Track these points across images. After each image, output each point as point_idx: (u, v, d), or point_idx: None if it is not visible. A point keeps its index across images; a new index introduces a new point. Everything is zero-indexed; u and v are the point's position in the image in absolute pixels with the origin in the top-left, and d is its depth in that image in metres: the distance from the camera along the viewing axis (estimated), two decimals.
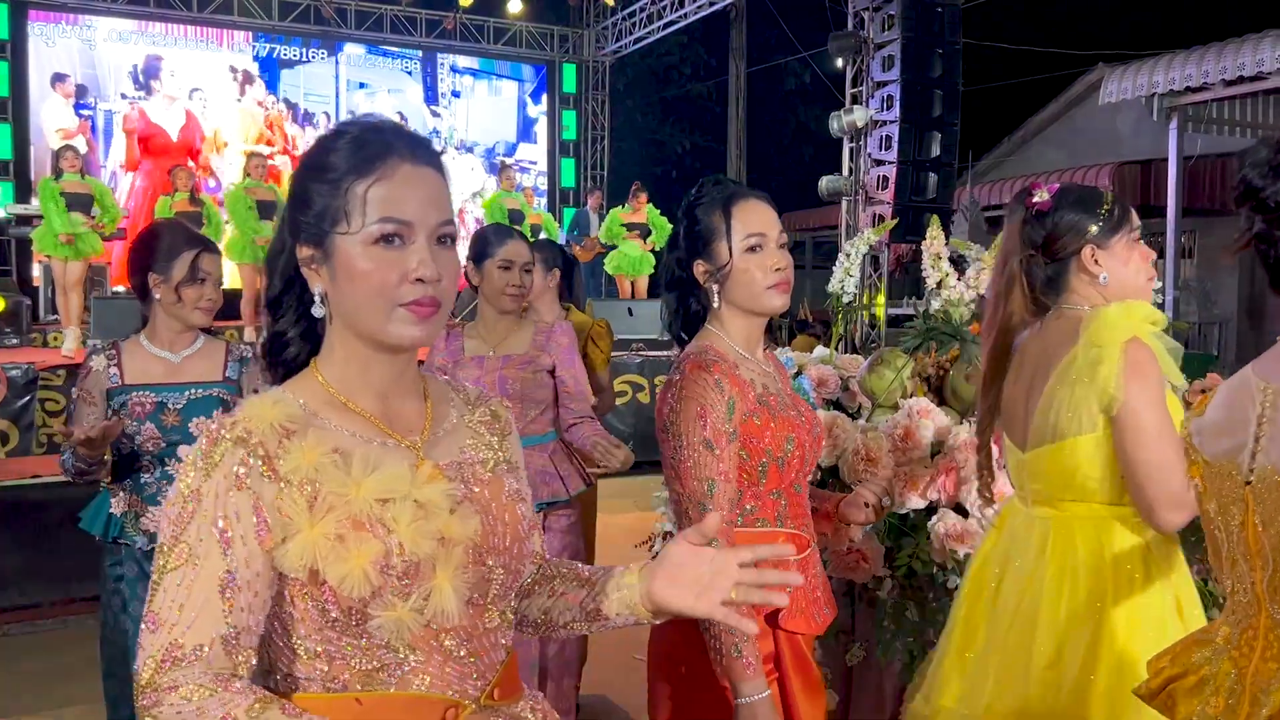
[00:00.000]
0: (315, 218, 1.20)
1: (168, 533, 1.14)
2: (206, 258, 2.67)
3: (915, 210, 8.96)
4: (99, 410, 2.62)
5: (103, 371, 2.64)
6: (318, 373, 1.25)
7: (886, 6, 9.30)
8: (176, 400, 2.66)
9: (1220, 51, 10.13)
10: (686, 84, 21.49)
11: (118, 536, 2.63)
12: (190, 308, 2.65)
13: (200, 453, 1.15)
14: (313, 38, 14.14)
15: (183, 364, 2.70)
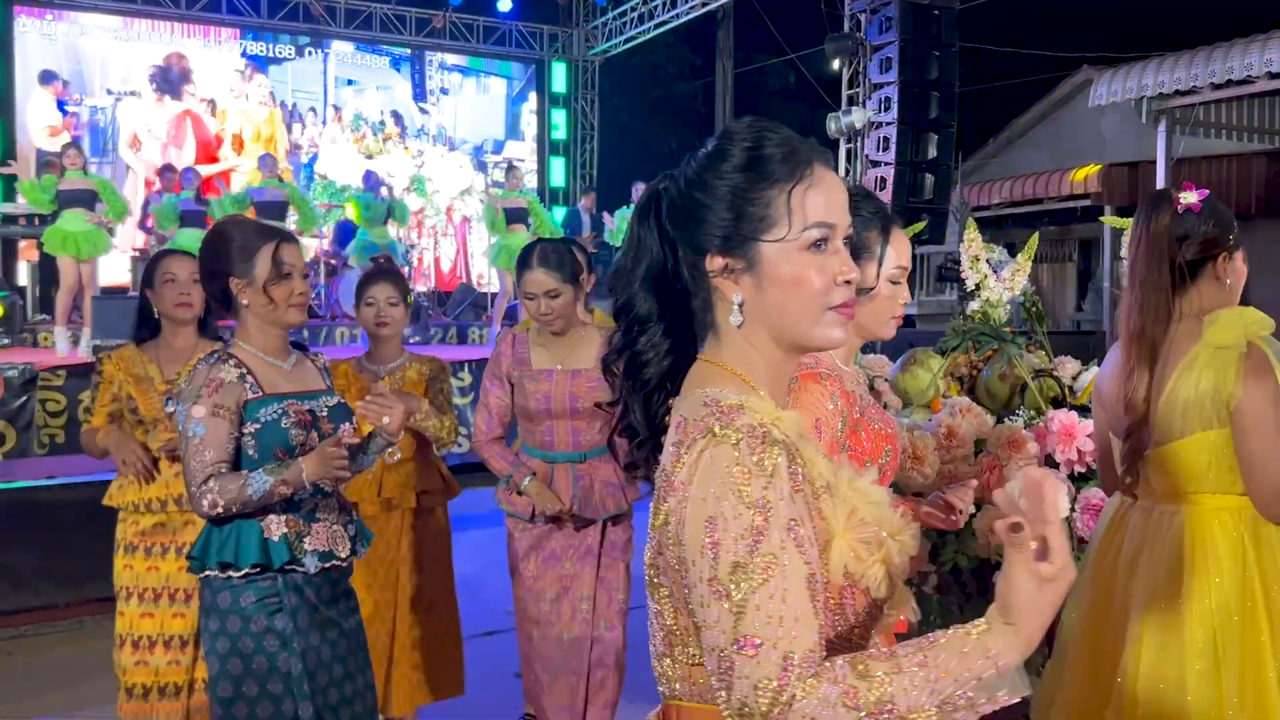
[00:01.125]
0: (737, 227, 1.18)
1: (736, 551, 1.06)
2: (287, 249, 2.39)
3: (913, 211, 9.03)
4: (234, 428, 2.29)
5: (236, 382, 2.30)
6: (736, 374, 1.20)
7: (884, 9, 9.38)
8: (320, 408, 2.42)
9: (1209, 55, 10.26)
10: (672, 84, 21.51)
11: (288, 562, 2.30)
12: (284, 306, 2.36)
13: (746, 462, 1.08)
14: (301, 35, 14.07)
15: (294, 372, 2.44)
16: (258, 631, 2.27)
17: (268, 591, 2.29)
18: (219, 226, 2.49)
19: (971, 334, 3.00)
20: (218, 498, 2.21)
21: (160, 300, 3.08)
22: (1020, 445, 2.71)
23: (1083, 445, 2.66)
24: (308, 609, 2.33)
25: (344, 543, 2.40)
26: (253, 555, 2.26)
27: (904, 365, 3.40)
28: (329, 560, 2.35)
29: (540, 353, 3.06)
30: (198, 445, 2.25)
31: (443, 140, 15.23)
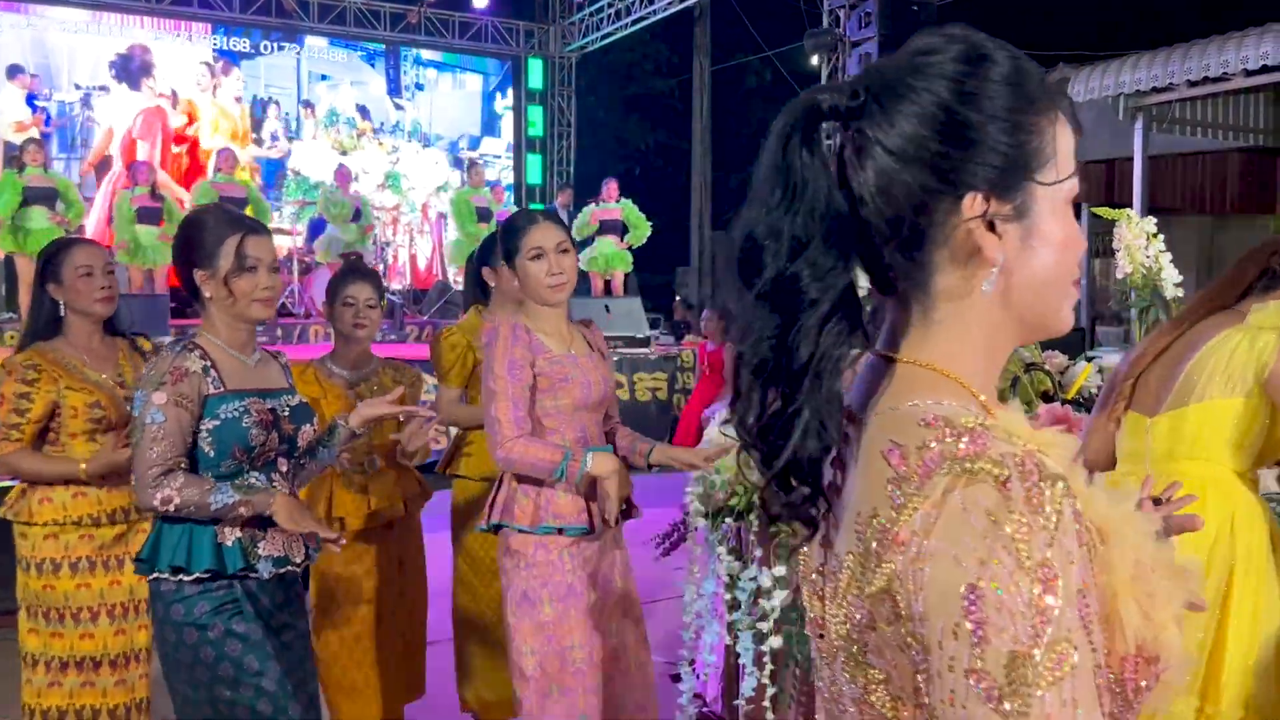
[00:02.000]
0: (1015, 158, 0.84)
1: (1015, 637, 0.72)
2: (253, 241, 2.25)
3: None
4: (193, 421, 2.18)
5: (199, 374, 2.19)
6: (950, 378, 0.86)
7: (863, 4, 9.36)
8: (282, 407, 2.31)
9: (1185, 53, 10.31)
10: (649, 81, 21.47)
11: (243, 569, 2.19)
12: (245, 300, 2.24)
13: (1020, 510, 0.74)
14: (274, 30, 13.90)
15: (257, 369, 2.33)
16: (216, 638, 2.17)
17: (223, 599, 2.19)
18: (192, 214, 2.39)
19: None
20: (175, 495, 2.11)
21: (75, 295, 2.78)
22: None
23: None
24: (265, 614, 2.25)
25: (299, 547, 2.33)
26: (206, 560, 2.16)
27: None
28: (284, 565, 2.28)
29: (548, 340, 2.59)
30: (155, 434, 2.14)
31: (418, 136, 15.10)
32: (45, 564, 2.76)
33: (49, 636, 2.77)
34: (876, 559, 0.80)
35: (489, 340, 2.54)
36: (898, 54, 0.90)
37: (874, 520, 0.81)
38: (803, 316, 0.83)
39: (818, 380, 0.83)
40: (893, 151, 0.84)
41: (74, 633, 2.78)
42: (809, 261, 0.83)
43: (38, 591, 2.77)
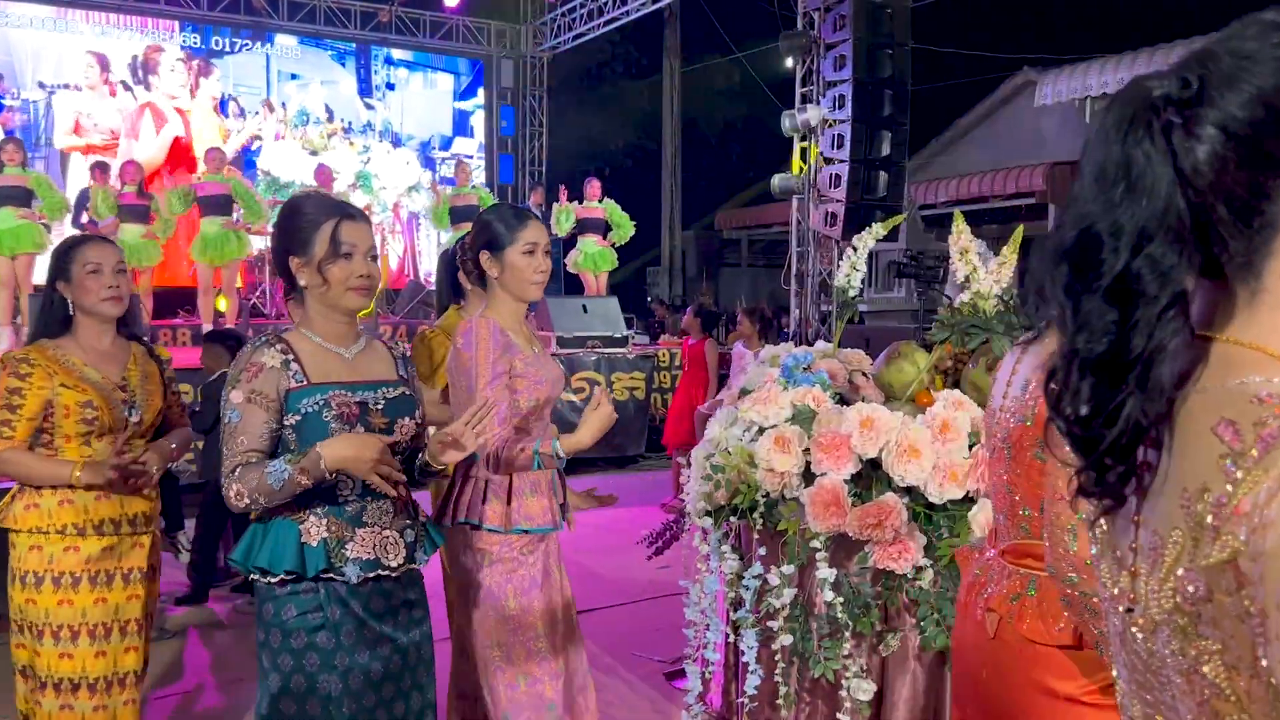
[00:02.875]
0: None
1: None
2: (349, 226, 2.16)
3: (866, 208, 9.10)
4: (276, 417, 2.10)
5: (279, 369, 2.10)
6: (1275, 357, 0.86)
7: (838, 7, 9.42)
8: (376, 399, 2.19)
9: (1150, 57, 10.52)
10: (619, 82, 21.51)
11: (324, 570, 2.10)
12: (340, 288, 2.15)
13: None
14: (242, 28, 13.75)
15: (357, 360, 2.23)
16: (298, 648, 2.10)
17: (310, 604, 2.11)
18: (291, 200, 2.29)
19: (962, 326, 2.99)
20: (243, 487, 2.05)
21: (82, 294, 2.68)
22: (920, 454, 2.70)
23: None
24: (354, 623, 2.14)
25: (397, 550, 2.20)
26: (288, 560, 2.09)
27: (887, 358, 3.39)
28: (374, 569, 2.16)
29: (519, 339, 2.65)
30: (230, 432, 2.09)
31: (389, 136, 15.00)
32: (29, 577, 2.63)
33: (31, 654, 2.65)
34: (1214, 532, 0.81)
35: (467, 341, 2.55)
36: (1221, 38, 0.89)
37: (1205, 495, 0.82)
38: (1141, 311, 0.84)
39: (1148, 369, 0.84)
40: (1232, 135, 0.83)
41: (52, 651, 2.63)
42: (1151, 258, 0.83)
43: (20, 605, 2.65)
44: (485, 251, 2.65)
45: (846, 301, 3.60)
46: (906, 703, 2.81)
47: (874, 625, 2.77)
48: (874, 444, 2.74)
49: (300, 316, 2.22)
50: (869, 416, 2.78)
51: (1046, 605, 1.66)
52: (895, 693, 2.83)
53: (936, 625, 2.67)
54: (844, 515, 2.71)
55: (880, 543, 2.67)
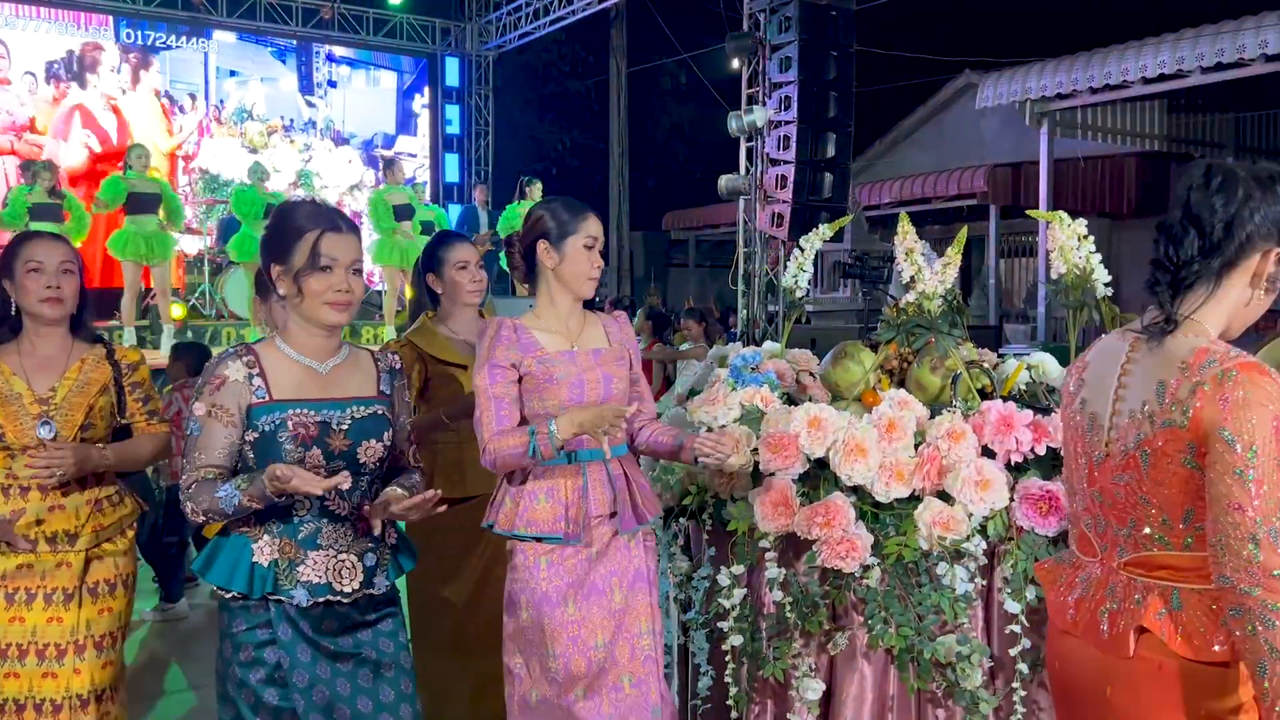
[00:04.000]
0: None
1: None
2: (331, 239, 2.07)
3: (812, 209, 9.16)
4: (237, 431, 2.04)
5: (242, 382, 2.04)
6: None
7: (783, 9, 9.47)
8: (341, 419, 2.10)
9: (1088, 60, 10.74)
10: (566, 81, 21.45)
11: (271, 592, 2.05)
12: (316, 302, 2.07)
13: None
14: (180, 24, 13.46)
15: (331, 375, 2.14)
16: (245, 662, 2.06)
17: (258, 620, 2.06)
18: (283, 206, 2.21)
19: (908, 326, 3.01)
20: (196, 505, 2.02)
21: (22, 293, 2.57)
22: (959, 437, 2.73)
23: (1020, 435, 2.70)
24: (305, 642, 2.08)
25: (353, 575, 2.12)
26: (239, 582, 2.04)
27: (834, 358, 3.41)
28: (324, 594, 2.08)
29: (547, 336, 2.51)
30: (190, 445, 2.06)
31: (330, 134, 14.79)
32: None
33: None
34: None
35: (480, 337, 2.51)
36: None
37: None
38: None
39: None
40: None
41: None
42: None
43: None
44: (543, 240, 2.51)
45: (793, 301, 3.61)
46: (855, 701, 2.82)
47: (822, 624, 2.78)
48: (821, 444, 2.75)
49: (281, 325, 2.16)
50: (816, 416, 2.79)
51: (1195, 620, 1.58)
52: (844, 691, 2.84)
53: (884, 624, 2.69)
54: (792, 515, 2.71)
55: (828, 542, 2.68)
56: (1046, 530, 2.61)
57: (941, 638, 2.66)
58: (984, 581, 2.70)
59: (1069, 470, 1.84)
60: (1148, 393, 1.63)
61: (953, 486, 2.69)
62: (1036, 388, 3.10)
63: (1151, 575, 1.64)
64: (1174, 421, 1.57)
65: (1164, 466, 1.59)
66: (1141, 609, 1.62)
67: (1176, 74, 10.12)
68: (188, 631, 4.82)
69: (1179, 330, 1.63)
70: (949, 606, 2.67)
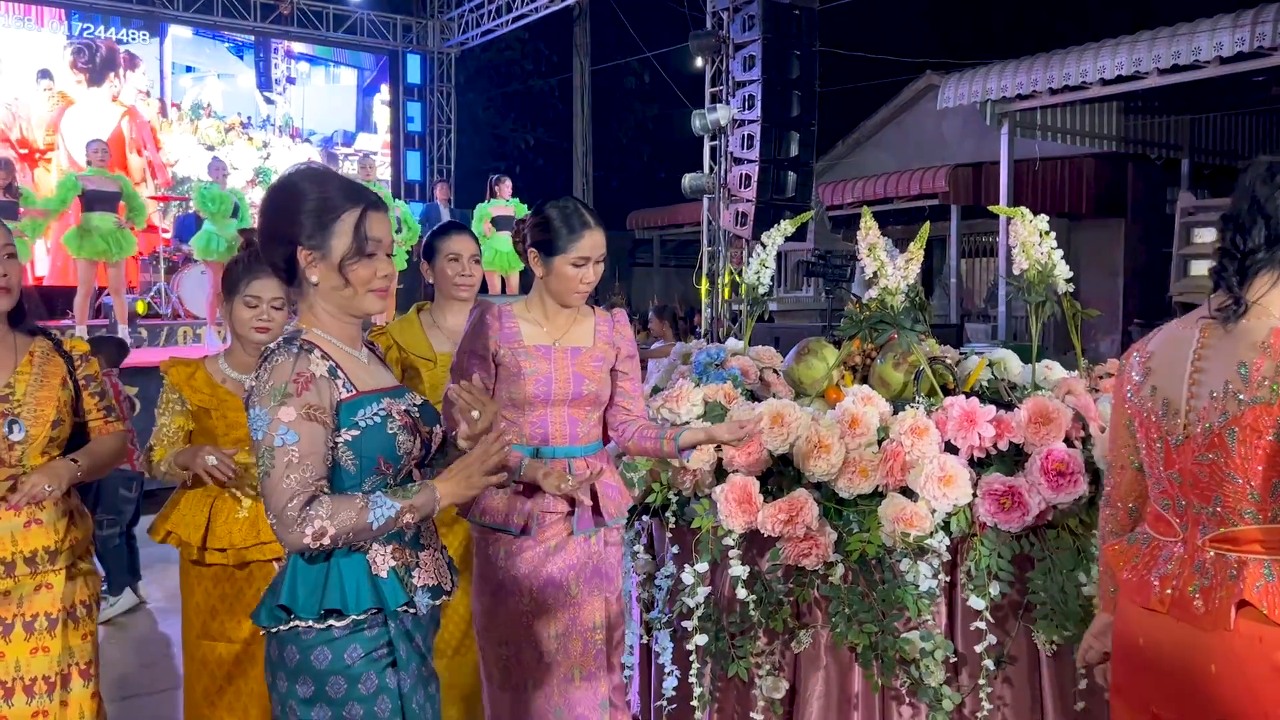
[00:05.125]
0: None
1: None
2: (375, 219, 1.84)
3: (776, 208, 9.17)
4: (329, 435, 1.76)
5: (327, 378, 1.78)
6: None
7: (746, 7, 9.48)
8: (411, 407, 1.90)
9: (1047, 62, 10.84)
10: (528, 80, 21.35)
11: (406, 604, 1.82)
12: (362, 291, 1.84)
13: None
14: (134, 18, 13.21)
15: (370, 366, 1.93)
16: (368, 694, 1.78)
17: (377, 642, 1.80)
18: (289, 177, 1.88)
19: (871, 321, 3.00)
20: (328, 525, 1.69)
21: None
22: (923, 432, 2.72)
23: (983, 431, 2.69)
24: (418, 660, 1.87)
25: (446, 571, 1.95)
26: (366, 600, 1.78)
27: (798, 355, 3.40)
28: (439, 596, 1.90)
29: (531, 329, 2.50)
30: (286, 459, 1.71)
31: (289, 131, 14.60)
32: None
33: None
34: None
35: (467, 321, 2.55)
36: None
37: None
38: None
39: None
40: None
41: None
42: None
43: None
44: (534, 251, 2.49)
45: (756, 298, 3.59)
46: (819, 699, 2.80)
47: (786, 622, 2.76)
48: (785, 440, 2.73)
49: (306, 315, 1.88)
50: (779, 412, 2.77)
51: None
52: (808, 689, 2.82)
53: (848, 621, 2.67)
54: (756, 512, 2.69)
55: (791, 539, 2.66)
56: (1009, 526, 2.61)
57: (905, 634, 2.65)
58: (947, 578, 2.69)
59: (1140, 455, 1.88)
60: (1229, 373, 1.70)
61: (916, 482, 2.68)
62: (998, 384, 3.10)
63: (1242, 549, 1.69)
64: (1261, 399, 1.65)
65: (1252, 443, 1.65)
66: (1238, 583, 1.66)
67: (1134, 75, 10.25)
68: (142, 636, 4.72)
69: (1249, 314, 1.71)
70: (912, 603, 2.66)
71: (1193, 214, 10.17)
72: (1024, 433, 2.71)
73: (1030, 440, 2.70)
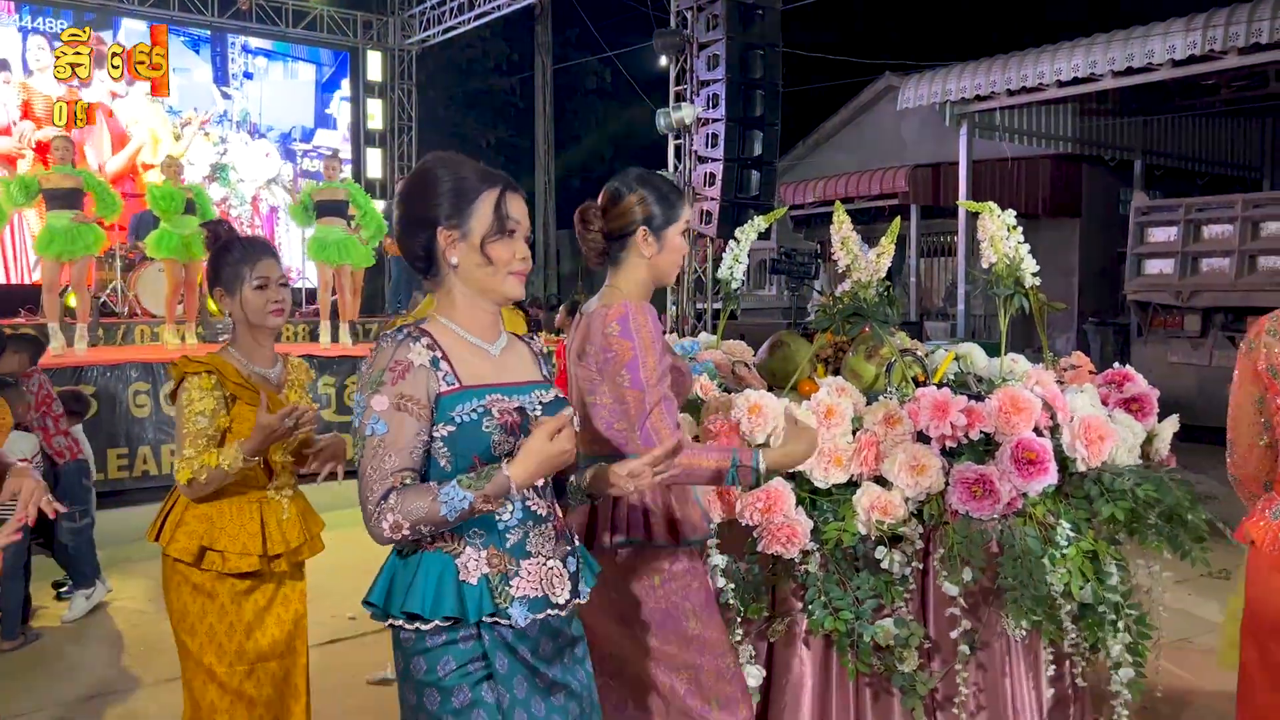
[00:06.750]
0: None
1: None
2: (514, 199, 1.83)
3: (740, 207, 9.22)
4: (428, 427, 1.73)
5: (428, 368, 1.74)
6: None
7: (710, 6, 9.53)
8: (533, 404, 1.82)
9: (1005, 63, 11.02)
10: (490, 78, 21.27)
11: (491, 613, 1.74)
12: (503, 271, 1.81)
13: None
14: (86, 11, 12.97)
15: (503, 360, 1.87)
16: (461, 708, 1.73)
17: (471, 654, 1.74)
18: (425, 164, 1.87)
19: (844, 315, 3.04)
20: (401, 519, 1.66)
21: None
22: (896, 422, 2.76)
23: (955, 420, 2.74)
24: (525, 671, 1.79)
25: (563, 583, 1.83)
26: (447, 605, 1.72)
27: (769, 348, 3.44)
28: (542, 609, 1.78)
29: None
30: (377, 448, 1.70)
31: (246, 127, 14.42)
32: None
33: None
34: None
35: (625, 328, 2.19)
36: None
37: None
38: None
39: None
40: None
41: None
42: None
43: None
44: (643, 228, 2.30)
45: (729, 294, 3.62)
46: (795, 686, 2.84)
47: (763, 611, 2.79)
48: (762, 430, 2.75)
49: (441, 301, 1.85)
50: (757, 403, 2.79)
51: None
52: (783, 676, 2.85)
53: (824, 608, 2.71)
54: (734, 502, 2.71)
55: (769, 528, 2.69)
56: (980, 513, 2.66)
57: (880, 621, 2.69)
58: (920, 565, 2.74)
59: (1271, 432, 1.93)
60: None
61: (889, 471, 2.72)
62: (965, 377, 3.16)
63: None
64: None
65: None
66: None
67: (1089, 77, 10.44)
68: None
69: None
70: (887, 590, 2.70)
71: (1146, 214, 10.40)
72: (995, 421, 2.76)
73: (1001, 429, 2.76)
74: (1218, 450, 2.19)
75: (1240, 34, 9.06)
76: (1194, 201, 10.25)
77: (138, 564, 5.35)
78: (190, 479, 2.45)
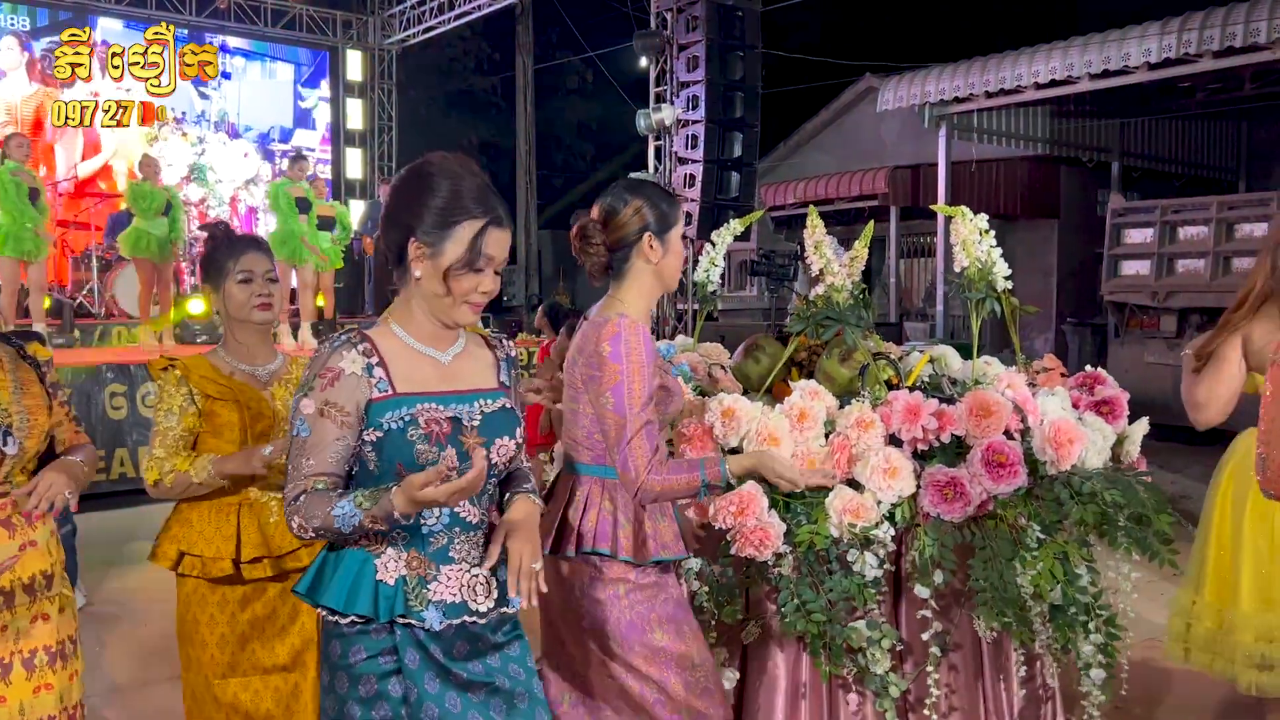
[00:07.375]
0: None
1: None
2: (495, 236, 1.80)
3: (720, 208, 9.24)
4: (353, 434, 1.76)
5: (360, 375, 1.76)
6: None
7: (690, 8, 9.54)
8: (472, 414, 1.82)
9: (984, 65, 11.09)
10: (470, 78, 21.24)
11: (402, 614, 1.76)
12: (458, 302, 1.81)
13: None
14: (62, 9, 12.87)
15: (452, 367, 1.87)
16: (366, 697, 1.78)
17: (382, 646, 1.78)
18: (427, 166, 1.84)
19: (817, 318, 3.05)
20: (305, 521, 1.72)
21: None
22: (868, 425, 2.77)
23: (927, 423, 2.75)
24: (435, 669, 1.80)
25: (487, 591, 1.84)
26: (360, 604, 1.75)
27: (744, 351, 3.44)
28: (459, 615, 1.80)
29: None
30: (297, 449, 1.76)
31: (224, 127, 14.34)
32: None
33: None
34: None
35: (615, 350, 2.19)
36: None
37: None
38: None
39: None
40: None
41: None
42: None
43: None
44: (649, 234, 2.30)
45: (706, 296, 3.63)
46: (768, 689, 2.84)
47: (738, 614, 2.80)
48: (735, 434, 2.76)
49: (399, 302, 1.87)
50: (730, 407, 2.80)
51: None
52: (757, 679, 2.86)
53: (796, 611, 2.71)
54: (707, 505, 2.72)
55: (742, 531, 2.69)
56: (952, 516, 2.68)
57: (852, 623, 2.70)
58: (892, 567, 2.75)
59: None
60: None
61: (862, 474, 2.73)
62: (939, 379, 3.18)
63: None
64: None
65: None
66: None
67: (1066, 80, 10.52)
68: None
69: None
70: (859, 593, 2.71)
71: (1123, 215, 10.48)
72: (965, 425, 2.78)
73: (971, 432, 2.77)
74: (1193, 449, 2.25)
75: (1215, 37, 9.15)
76: (1170, 203, 10.34)
77: (115, 568, 5.30)
78: (156, 480, 2.43)
